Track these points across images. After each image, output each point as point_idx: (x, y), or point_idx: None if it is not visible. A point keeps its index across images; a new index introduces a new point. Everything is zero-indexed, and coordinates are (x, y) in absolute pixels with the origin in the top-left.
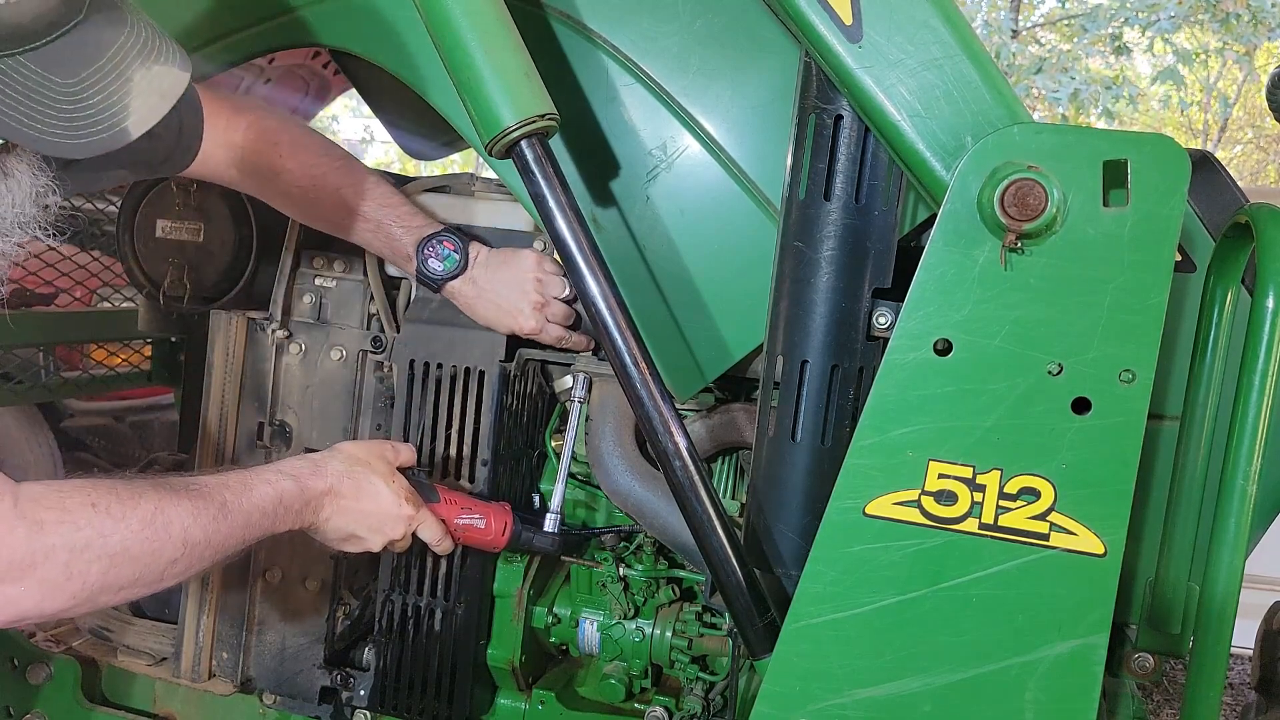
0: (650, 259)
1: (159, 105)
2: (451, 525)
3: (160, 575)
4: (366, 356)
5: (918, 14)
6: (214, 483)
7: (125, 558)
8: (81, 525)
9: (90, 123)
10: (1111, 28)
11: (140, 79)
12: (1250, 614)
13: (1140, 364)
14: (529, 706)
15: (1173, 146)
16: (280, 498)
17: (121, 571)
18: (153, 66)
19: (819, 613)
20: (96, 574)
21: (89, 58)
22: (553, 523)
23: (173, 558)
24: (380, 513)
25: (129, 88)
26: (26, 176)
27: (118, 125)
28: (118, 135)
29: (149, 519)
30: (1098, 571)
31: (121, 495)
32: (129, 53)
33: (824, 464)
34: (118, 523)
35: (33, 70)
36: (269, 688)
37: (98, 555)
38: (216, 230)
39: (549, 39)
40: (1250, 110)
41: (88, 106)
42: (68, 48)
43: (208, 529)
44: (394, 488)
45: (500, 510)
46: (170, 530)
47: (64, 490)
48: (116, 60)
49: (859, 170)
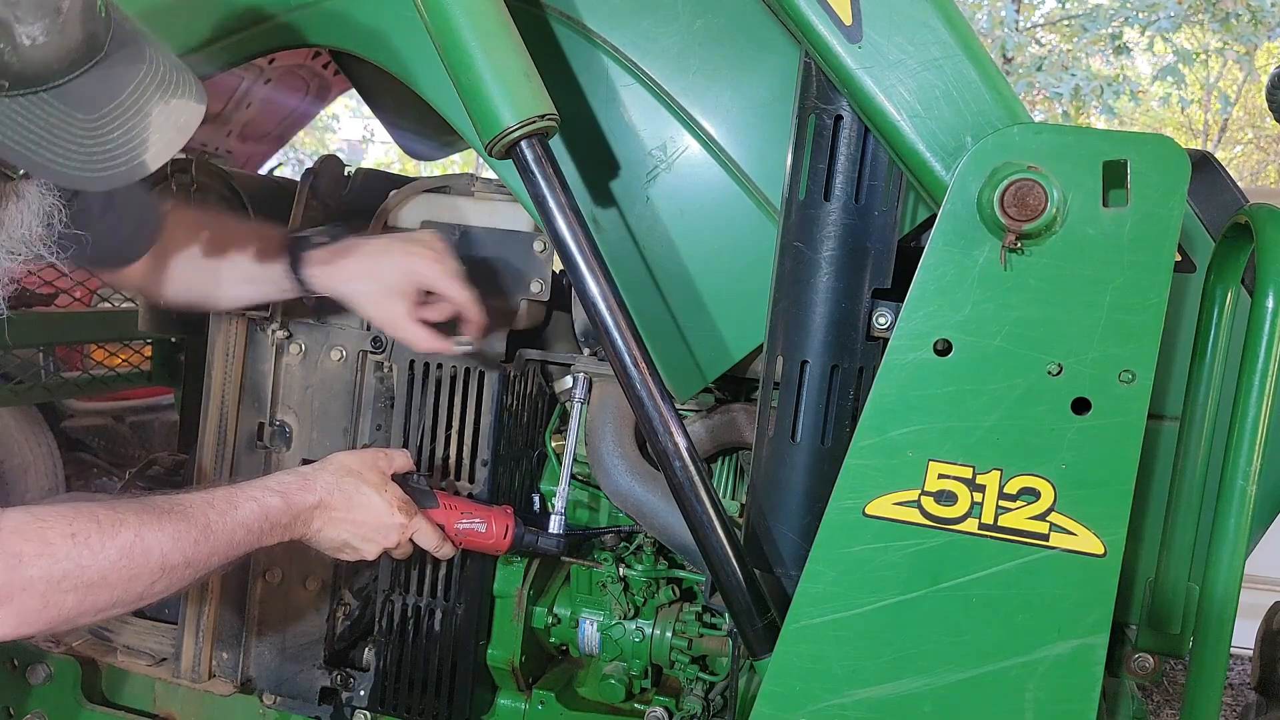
0: (650, 259)
1: (176, 139)
2: (451, 530)
3: (139, 597)
4: (366, 357)
5: (918, 14)
6: (199, 502)
7: (103, 586)
8: (60, 558)
9: (109, 157)
10: (1112, 27)
11: (158, 114)
12: (1250, 614)
13: (1140, 364)
14: (529, 707)
15: (1172, 147)
16: (266, 514)
17: (98, 598)
18: (170, 100)
19: (819, 613)
20: (72, 603)
21: (110, 94)
22: (557, 524)
23: (151, 580)
24: (372, 523)
25: (147, 123)
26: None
27: (136, 159)
28: (136, 169)
29: (128, 548)
30: (1098, 571)
31: (102, 524)
32: (148, 88)
33: (824, 464)
34: (96, 554)
35: (55, 107)
36: (269, 688)
37: (74, 586)
38: None
39: (549, 39)
40: (1250, 110)
41: (107, 141)
42: (89, 85)
43: (188, 552)
44: (386, 496)
45: (501, 514)
46: (150, 557)
47: (45, 520)
48: (136, 95)
49: (859, 170)
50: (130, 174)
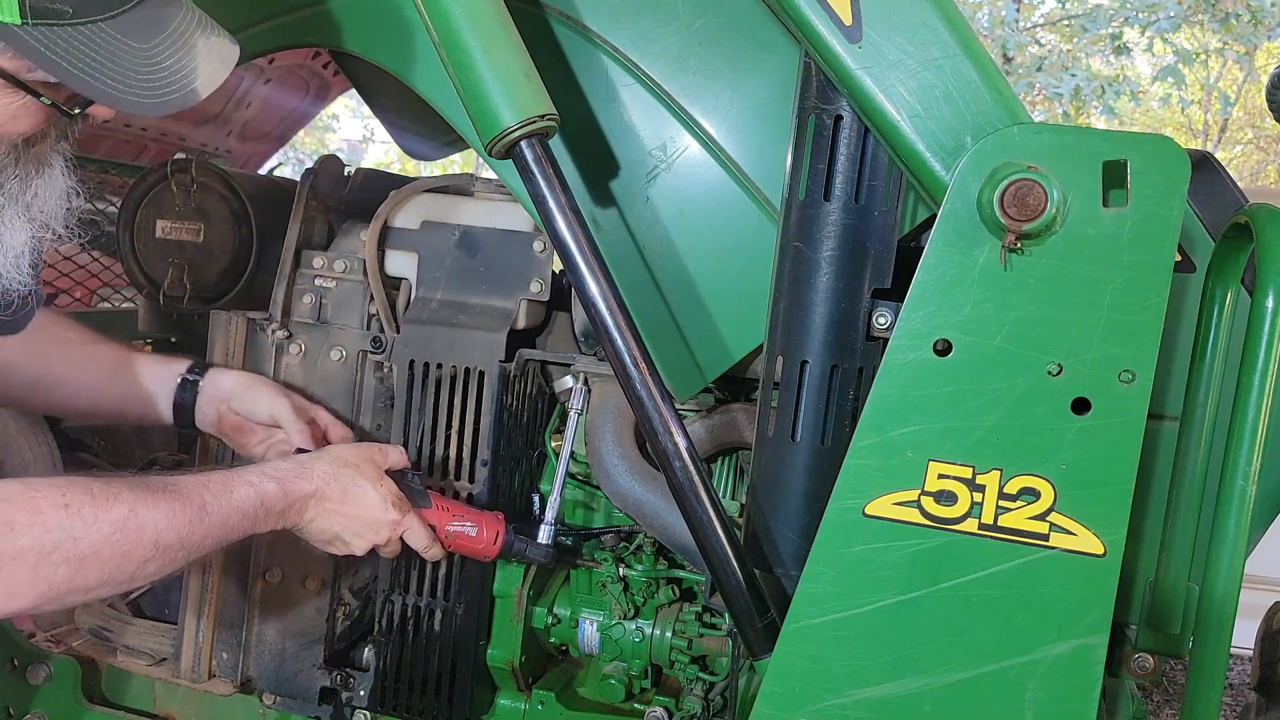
0: (650, 259)
1: (220, 70)
2: (442, 532)
3: (131, 576)
4: (366, 357)
5: (917, 14)
6: (194, 483)
7: (95, 561)
8: (52, 528)
9: (165, 84)
10: (1112, 27)
11: (203, 46)
12: (1250, 614)
13: (1140, 364)
14: (529, 707)
15: (1172, 147)
16: (262, 499)
17: (89, 573)
18: (211, 37)
19: (819, 613)
20: (64, 576)
21: (158, 27)
22: (547, 534)
23: (144, 559)
24: (365, 516)
25: (194, 54)
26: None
27: (188, 86)
28: (189, 95)
29: (121, 522)
30: (1097, 571)
31: (96, 497)
32: (190, 25)
33: (824, 464)
34: (89, 526)
35: (113, 36)
36: (269, 688)
37: (66, 558)
38: (216, 230)
39: (549, 39)
40: (1250, 110)
41: (162, 69)
42: (139, 18)
43: (182, 532)
44: (381, 491)
45: (493, 519)
46: (143, 534)
47: (38, 490)
48: (181, 29)
49: (859, 170)
50: (184, 100)
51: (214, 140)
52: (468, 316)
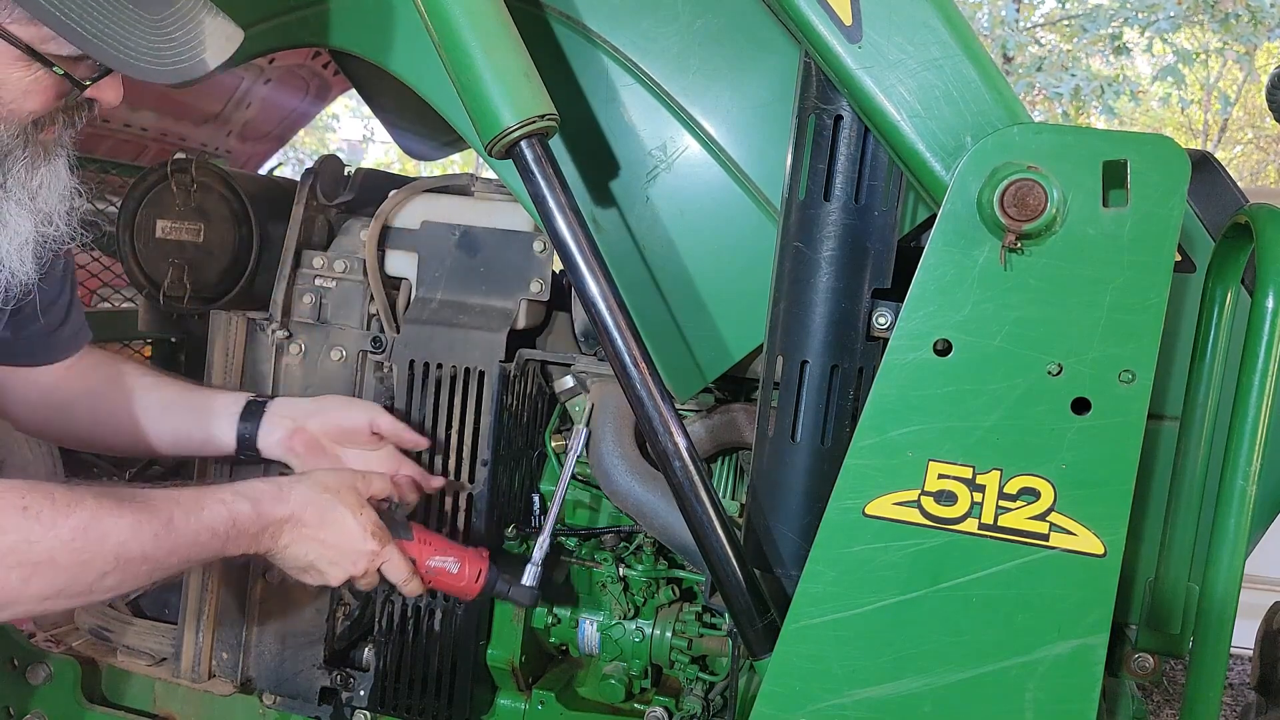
0: (650, 259)
1: (227, 46)
2: (422, 567)
3: (89, 588)
4: (366, 357)
5: (917, 14)
6: (164, 497)
7: (50, 567)
8: (8, 529)
9: (175, 54)
10: (1111, 27)
11: (210, 22)
12: (1250, 614)
13: (1140, 364)
14: (529, 707)
15: (1172, 147)
16: (234, 520)
17: (44, 581)
18: (216, 16)
19: (819, 613)
20: (15, 581)
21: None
22: (532, 575)
23: (103, 570)
24: (342, 545)
25: (201, 28)
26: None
27: (197, 57)
28: (197, 66)
29: (82, 529)
30: (1097, 571)
31: (57, 501)
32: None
33: (824, 464)
34: (47, 530)
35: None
36: (269, 688)
37: (19, 562)
38: (216, 230)
39: (549, 39)
40: (1250, 110)
41: (171, 40)
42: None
43: (146, 545)
44: (361, 520)
45: (477, 556)
46: (104, 543)
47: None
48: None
49: (859, 170)
50: (192, 70)
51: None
52: (468, 316)
